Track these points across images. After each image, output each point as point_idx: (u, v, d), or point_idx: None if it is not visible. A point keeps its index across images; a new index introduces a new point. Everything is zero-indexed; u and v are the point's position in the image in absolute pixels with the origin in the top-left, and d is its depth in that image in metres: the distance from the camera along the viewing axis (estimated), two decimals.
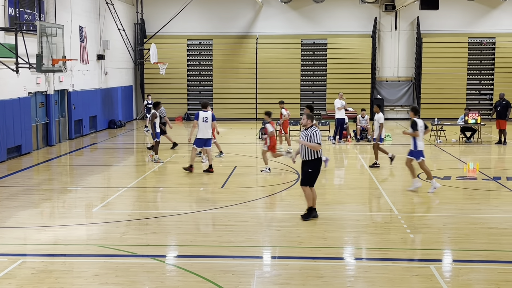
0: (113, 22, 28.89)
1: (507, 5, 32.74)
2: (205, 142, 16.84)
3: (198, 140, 16.80)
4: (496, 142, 22.85)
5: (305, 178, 11.54)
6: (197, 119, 16.72)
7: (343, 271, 8.91)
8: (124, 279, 8.39)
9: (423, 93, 32.95)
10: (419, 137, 14.23)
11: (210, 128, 16.81)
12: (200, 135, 16.72)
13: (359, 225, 11.39)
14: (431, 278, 8.43)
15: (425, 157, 14.58)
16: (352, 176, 16.96)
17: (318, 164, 11.50)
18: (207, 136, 16.76)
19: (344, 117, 23.31)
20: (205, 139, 16.79)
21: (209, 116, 16.76)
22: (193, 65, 34.06)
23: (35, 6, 20.92)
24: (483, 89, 33.18)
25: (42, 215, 12.45)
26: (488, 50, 33.06)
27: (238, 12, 33.66)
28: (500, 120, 22.87)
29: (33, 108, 21.33)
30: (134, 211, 12.84)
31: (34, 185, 15.51)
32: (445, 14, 32.31)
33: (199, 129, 16.70)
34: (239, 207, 12.88)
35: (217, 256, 9.50)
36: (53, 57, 18.87)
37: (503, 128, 22.79)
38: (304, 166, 11.54)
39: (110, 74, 29.61)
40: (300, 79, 33.47)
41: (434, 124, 24.05)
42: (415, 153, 14.37)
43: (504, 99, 23.03)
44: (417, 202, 13.54)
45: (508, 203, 13.32)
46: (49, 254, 9.69)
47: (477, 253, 9.66)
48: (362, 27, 33.35)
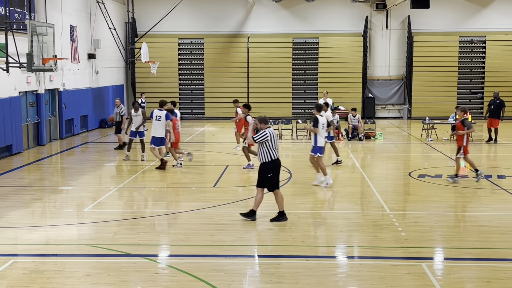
0: (104, 21, 28.79)
1: (498, 4, 32.89)
2: (160, 141, 17.01)
3: (154, 139, 16.96)
4: (487, 140, 22.96)
5: (267, 183, 11.27)
6: (151, 117, 16.94)
7: (335, 269, 8.92)
8: (116, 278, 8.36)
9: (414, 91, 33.05)
10: (320, 133, 14.69)
11: (164, 126, 16.88)
12: (154, 133, 16.88)
13: (351, 223, 11.41)
14: (423, 276, 8.46)
15: (323, 154, 15.13)
16: (344, 175, 16.99)
17: (273, 167, 11.23)
18: (161, 134, 16.92)
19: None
20: (160, 138, 16.96)
21: (163, 115, 16.89)
22: (184, 64, 34.01)
23: (26, 5, 20.81)
24: (473, 88, 33.33)
25: (33, 215, 12.39)
26: (478, 49, 33.20)
27: (229, 11, 33.63)
28: (492, 119, 22.97)
29: (24, 107, 21.23)
30: (125, 210, 12.80)
31: (25, 185, 15.44)
32: (436, 13, 32.42)
33: (154, 127, 16.88)
34: (231, 206, 12.87)
35: (209, 255, 9.48)
36: (43, 56, 18.80)
37: (495, 127, 22.90)
38: (261, 168, 11.33)
39: (101, 73, 29.52)
40: (291, 78, 33.49)
41: (425, 122, 24.13)
42: (315, 148, 14.87)
43: (498, 98, 23.12)
44: (408, 201, 13.59)
45: (499, 201, 13.39)
46: (40, 254, 9.64)
47: (468, 251, 9.70)
48: (354, 26, 33.41)
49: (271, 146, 11.17)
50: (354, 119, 23.95)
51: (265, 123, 11.41)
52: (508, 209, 12.60)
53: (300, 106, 33.52)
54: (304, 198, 13.69)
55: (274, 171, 11.28)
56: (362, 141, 23.61)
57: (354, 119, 23.95)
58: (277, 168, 11.35)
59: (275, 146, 11.23)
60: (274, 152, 11.22)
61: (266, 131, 11.22)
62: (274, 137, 11.26)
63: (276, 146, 11.26)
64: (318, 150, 14.84)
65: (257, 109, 32.34)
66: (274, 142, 11.22)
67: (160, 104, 17.32)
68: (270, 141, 11.17)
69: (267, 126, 11.39)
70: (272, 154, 11.20)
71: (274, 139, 11.24)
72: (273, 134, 11.26)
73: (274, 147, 11.21)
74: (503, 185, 14.90)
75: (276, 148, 11.25)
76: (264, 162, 11.23)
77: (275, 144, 11.23)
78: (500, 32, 32.85)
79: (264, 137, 11.14)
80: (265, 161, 11.21)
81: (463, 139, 15.03)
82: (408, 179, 16.06)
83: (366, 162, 19.74)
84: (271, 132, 11.23)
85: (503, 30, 32.85)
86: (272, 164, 11.22)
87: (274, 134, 11.29)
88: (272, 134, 11.23)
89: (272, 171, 11.24)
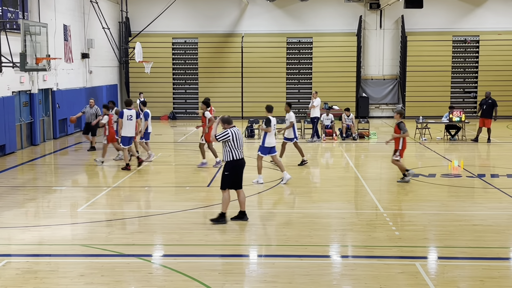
0: (97, 20, 28.72)
1: (491, 3, 33.00)
2: (129, 140, 17.13)
3: (124, 138, 17.08)
4: (473, 139, 22.94)
5: (222, 181, 11.26)
6: (121, 117, 17.01)
7: (329, 269, 8.93)
8: (109, 279, 8.35)
9: (408, 91, 33.12)
10: (271, 133, 15.02)
11: (134, 126, 17.09)
12: (125, 133, 17.00)
13: (345, 223, 11.43)
14: (417, 275, 8.47)
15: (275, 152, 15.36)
16: (338, 174, 17.01)
17: (234, 166, 11.16)
18: (132, 134, 17.09)
19: (315, 116, 23.37)
20: (129, 137, 17.09)
21: (133, 114, 17.05)
22: (178, 64, 33.97)
23: (19, 5, 20.74)
24: (467, 87, 33.42)
25: (27, 215, 12.35)
26: (472, 48, 33.30)
27: (223, 10, 33.62)
28: (485, 119, 23.03)
29: (17, 107, 21.15)
30: (119, 210, 12.78)
31: (18, 185, 15.38)
32: (429, 12, 32.49)
33: (124, 127, 16.98)
34: None
35: (203, 255, 9.48)
36: (37, 56, 18.75)
37: (487, 127, 22.96)
38: (223, 168, 11.33)
39: (95, 73, 29.45)
40: (285, 78, 33.50)
41: (418, 122, 24.19)
42: (261, 148, 15.14)
43: (490, 98, 23.17)
44: (402, 200, 13.61)
45: (493, 200, 13.43)
46: (34, 254, 9.62)
47: (462, 250, 9.73)
48: (347, 25, 33.45)
49: (233, 146, 11.10)
50: (348, 119, 23.98)
51: (228, 123, 11.33)
52: (501, 208, 12.65)
53: (294, 105, 33.46)
54: (298, 198, 13.70)
55: (235, 170, 11.18)
56: (356, 140, 23.65)
57: (348, 119, 23.97)
58: (240, 167, 11.27)
59: (238, 145, 11.14)
60: (236, 152, 11.14)
61: (228, 130, 11.16)
62: (237, 137, 11.17)
63: (239, 146, 11.17)
64: (266, 150, 15.14)
65: (252, 108, 32.53)
66: (237, 141, 11.14)
67: (126, 103, 17.51)
68: (232, 140, 11.08)
69: (230, 126, 11.29)
70: (234, 153, 11.12)
71: (237, 139, 11.15)
72: (237, 133, 11.18)
73: (236, 146, 11.13)
74: (497, 184, 14.95)
75: (239, 148, 11.16)
76: (227, 161, 11.22)
77: (237, 143, 11.14)
78: (494, 31, 32.95)
79: (226, 137, 11.07)
80: (227, 160, 11.21)
81: (399, 142, 15.12)
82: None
83: (360, 161, 19.77)
84: (233, 132, 11.15)
85: (496, 29, 32.96)
86: (234, 164, 11.15)
87: (237, 133, 11.20)
88: (235, 133, 11.15)
89: (232, 170, 11.14)
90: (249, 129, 24.80)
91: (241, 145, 11.26)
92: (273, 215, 12.03)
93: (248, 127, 24.92)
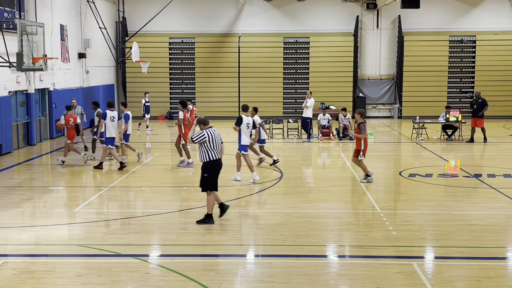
0: (94, 20, 28.69)
1: (488, 3, 33.05)
2: (112, 141, 17.32)
3: (109, 139, 17.19)
4: (467, 141, 22.89)
5: (202, 184, 11.22)
6: (104, 119, 17.17)
7: (326, 268, 8.94)
8: (106, 279, 8.34)
9: (404, 91, 33.15)
10: (245, 132, 15.34)
11: (116, 126, 17.31)
12: (109, 133, 17.14)
13: (342, 223, 11.44)
14: (414, 275, 8.48)
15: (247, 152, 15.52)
16: (335, 174, 17.02)
17: (211, 167, 11.12)
18: (113, 134, 17.27)
19: (305, 116, 23.40)
20: (112, 138, 17.29)
21: (116, 116, 17.29)
22: (175, 64, 33.94)
23: (15, 4, 20.70)
24: (464, 87, 33.47)
25: (24, 215, 12.33)
26: (468, 48, 33.34)
27: (220, 10, 33.59)
28: (476, 119, 22.92)
29: (14, 107, 21.11)
30: (116, 210, 12.77)
31: (15, 185, 15.36)
32: (426, 12, 32.52)
33: (107, 128, 17.11)
34: None
35: (200, 255, 9.48)
36: (33, 55, 18.70)
37: (480, 126, 22.86)
38: (201, 169, 11.26)
39: (92, 72, 29.41)
40: (282, 77, 33.49)
41: (415, 122, 24.21)
42: (240, 147, 15.39)
43: (480, 98, 23.12)
44: (399, 200, 13.63)
45: (489, 200, 13.45)
46: (30, 254, 9.61)
47: (458, 249, 9.75)
48: (344, 25, 33.46)
49: (209, 147, 11.04)
50: (344, 118, 23.97)
51: (204, 124, 11.28)
52: (498, 208, 12.67)
53: (291, 105, 33.54)
54: (295, 198, 13.70)
55: (212, 171, 11.15)
56: (353, 140, 23.61)
57: (345, 119, 23.96)
58: (216, 168, 11.23)
59: (214, 146, 11.08)
60: (212, 152, 11.09)
61: (204, 131, 11.09)
62: (214, 138, 11.09)
63: (216, 147, 11.11)
64: (243, 148, 15.38)
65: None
66: (213, 142, 11.08)
67: (109, 105, 17.62)
68: (208, 141, 11.02)
69: (206, 127, 11.24)
70: (210, 154, 11.07)
71: (213, 140, 11.08)
72: (213, 134, 11.11)
73: (212, 147, 11.07)
74: (493, 184, 14.97)
75: (215, 149, 11.11)
76: (204, 162, 11.16)
77: (214, 144, 11.08)
78: (490, 31, 33.00)
79: (202, 138, 11.02)
80: (204, 161, 11.15)
81: (361, 142, 15.10)
82: (398, 178, 16.12)
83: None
84: (209, 133, 11.08)
85: (493, 29, 33.00)
86: (210, 165, 11.11)
87: (214, 134, 11.13)
88: (211, 134, 11.09)
89: (210, 171, 11.11)
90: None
91: (218, 146, 11.19)
92: (270, 215, 12.03)
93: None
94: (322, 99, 32.55)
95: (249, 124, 15.58)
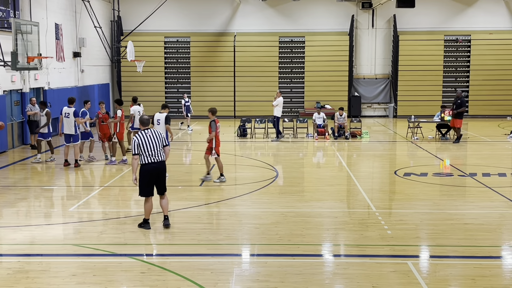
0: (89, 19, 28.62)
1: (483, 3, 33.11)
2: (70, 138, 17.39)
3: (64, 136, 17.44)
4: (454, 141, 22.70)
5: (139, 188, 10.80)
6: (61, 114, 17.48)
7: (321, 268, 8.94)
8: (102, 278, 8.33)
9: (400, 90, 33.20)
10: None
11: (72, 124, 17.31)
12: (64, 130, 17.37)
13: (337, 222, 11.45)
14: (409, 274, 8.50)
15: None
16: (330, 173, 17.04)
17: (141, 171, 10.60)
18: (70, 131, 17.31)
19: (276, 115, 23.47)
20: (69, 135, 17.35)
21: (71, 112, 17.34)
22: (170, 63, 33.90)
23: (10, 3, 20.64)
24: (458, 86, 33.46)
25: (18, 214, 12.29)
26: (463, 47, 33.41)
27: (215, 9, 33.57)
28: (454, 119, 22.58)
29: (8, 106, 21.04)
30: (111, 210, 12.75)
31: (9, 184, 15.31)
32: (421, 12, 32.57)
33: (63, 124, 17.37)
34: (218, 205, 12.87)
35: (195, 254, 9.47)
36: (28, 54, 18.67)
37: (457, 126, 22.54)
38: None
39: (87, 71, 29.35)
40: (278, 77, 33.49)
41: (410, 121, 24.25)
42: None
43: (460, 98, 22.90)
44: (394, 199, 13.65)
45: (484, 199, 13.48)
46: (25, 254, 9.58)
47: (453, 248, 9.77)
48: (340, 24, 33.49)
49: (142, 150, 10.52)
50: (340, 117, 24.01)
51: (143, 124, 10.81)
52: (493, 207, 12.70)
53: (286, 105, 33.45)
54: (290, 197, 13.71)
55: (143, 176, 10.59)
56: (348, 139, 23.69)
57: (341, 118, 24.00)
58: (146, 173, 10.59)
59: (145, 149, 10.50)
60: (143, 156, 10.54)
61: (134, 137, 10.64)
62: (146, 141, 10.55)
63: (147, 150, 10.51)
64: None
65: (244, 107, 32.55)
66: (144, 145, 10.51)
67: (69, 101, 17.74)
68: (139, 145, 10.52)
69: (144, 127, 10.74)
70: (141, 158, 10.56)
71: (144, 143, 10.52)
72: (145, 137, 10.56)
73: (143, 150, 10.51)
74: (488, 183, 15.01)
75: (146, 152, 10.51)
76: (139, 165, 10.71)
77: (145, 147, 10.50)
78: (485, 31, 33.06)
79: (134, 144, 10.56)
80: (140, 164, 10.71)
81: (213, 140, 15.00)
82: (394, 178, 16.14)
83: (352, 160, 19.80)
84: (141, 136, 10.57)
85: (487, 29, 33.07)
86: (140, 169, 10.62)
87: (146, 137, 10.57)
88: (142, 137, 10.55)
89: (140, 175, 10.60)
90: (241, 128, 24.79)
91: (151, 149, 10.55)
92: (265, 214, 12.03)
93: (241, 126, 24.91)
94: (317, 98, 32.60)
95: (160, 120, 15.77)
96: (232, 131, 26.46)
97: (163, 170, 10.85)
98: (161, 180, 10.81)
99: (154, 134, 10.69)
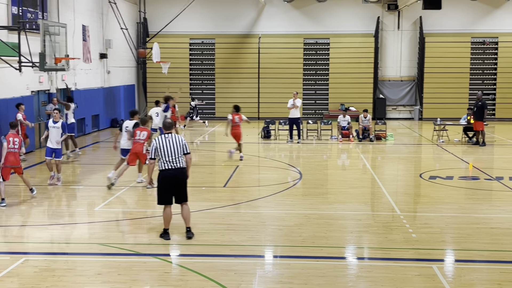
0: (116, 21, 28.91)
1: (510, 4, 32.68)
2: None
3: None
4: (474, 143, 22.45)
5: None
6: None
7: (345, 270, 8.91)
8: (126, 277, 8.40)
9: (425, 92, 32.91)
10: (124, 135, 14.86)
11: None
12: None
13: (361, 224, 11.39)
14: (434, 278, 8.43)
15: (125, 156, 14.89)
16: (354, 176, 16.96)
17: (159, 178, 10.13)
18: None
19: (296, 117, 23.06)
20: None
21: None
22: (195, 64, 34.06)
23: (38, 5, 20.94)
24: (485, 89, 33.08)
25: (45, 213, 12.46)
26: (490, 50, 33.00)
27: (240, 11, 33.65)
28: (475, 122, 22.38)
29: (36, 106, 21.34)
30: (136, 209, 12.85)
31: (36, 184, 15.44)
32: (448, 13, 32.26)
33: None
34: (241, 206, 12.89)
35: (219, 255, 9.50)
36: (56, 55, 18.89)
37: (479, 129, 22.24)
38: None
39: (113, 73, 29.64)
40: (302, 79, 33.44)
41: (436, 123, 24.03)
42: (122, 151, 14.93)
43: (481, 100, 22.59)
44: (419, 202, 13.54)
45: (511, 203, 13.30)
46: (51, 252, 9.71)
47: (479, 253, 9.66)
48: (365, 26, 33.31)
49: (159, 155, 10.04)
50: (365, 120, 23.89)
51: (165, 128, 10.28)
52: None
53: (310, 106, 33.47)
54: (314, 199, 13.68)
55: (161, 183, 10.10)
56: (373, 142, 23.55)
57: (365, 120, 23.88)
58: (164, 180, 10.05)
59: (163, 155, 9.97)
60: (161, 162, 10.02)
61: (154, 140, 10.15)
62: (164, 146, 10.00)
63: (165, 155, 9.97)
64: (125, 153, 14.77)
65: (268, 109, 32.55)
66: (162, 151, 10.00)
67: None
68: (157, 149, 10.03)
69: (166, 131, 10.20)
70: (160, 164, 10.04)
71: (162, 148, 10.00)
72: (164, 142, 10.02)
73: (162, 155, 9.99)
74: None
75: (164, 157, 9.97)
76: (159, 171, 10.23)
77: (163, 153, 9.98)
78: None
79: (153, 148, 10.12)
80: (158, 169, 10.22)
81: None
82: (419, 180, 16.01)
83: (376, 163, 19.69)
84: (159, 140, 10.05)
85: None
86: (159, 175, 10.11)
87: (164, 142, 10.02)
88: (161, 142, 10.03)
89: (159, 182, 10.15)
90: (265, 129, 24.79)
91: (170, 154, 9.96)
92: (289, 216, 12.02)
93: (265, 127, 24.91)
94: (342, 100, 32.47)
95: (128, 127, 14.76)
96: (256, 132, 26.48)
97: (183, 178, 10.17)
98: (180, 188, 10.19)
99: (175, 139, 10.09)
